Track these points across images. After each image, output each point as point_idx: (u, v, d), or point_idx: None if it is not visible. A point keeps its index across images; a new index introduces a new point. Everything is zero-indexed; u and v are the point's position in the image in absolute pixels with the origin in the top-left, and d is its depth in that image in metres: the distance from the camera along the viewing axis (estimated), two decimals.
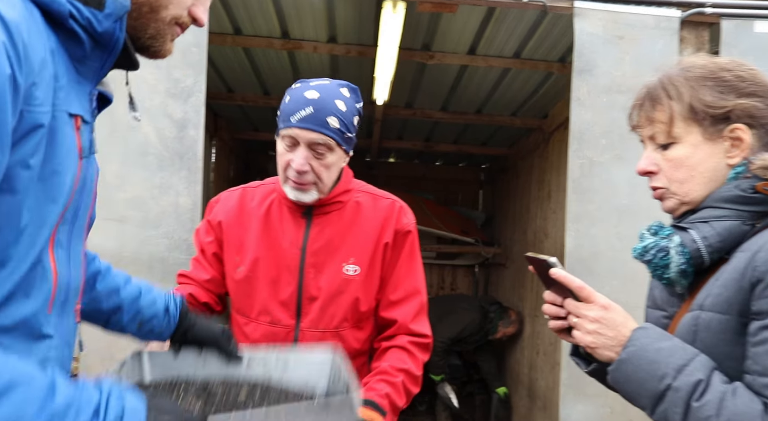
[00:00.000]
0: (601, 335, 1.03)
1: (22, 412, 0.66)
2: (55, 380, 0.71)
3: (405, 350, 1.56)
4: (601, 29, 2.46)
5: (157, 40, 0.93)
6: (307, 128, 1.46)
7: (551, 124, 4.49)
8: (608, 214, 2.48)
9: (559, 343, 4.03)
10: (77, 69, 0.84)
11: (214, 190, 4.99)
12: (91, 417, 0.72)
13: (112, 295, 1.19)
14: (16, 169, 0.73)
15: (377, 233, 1.59)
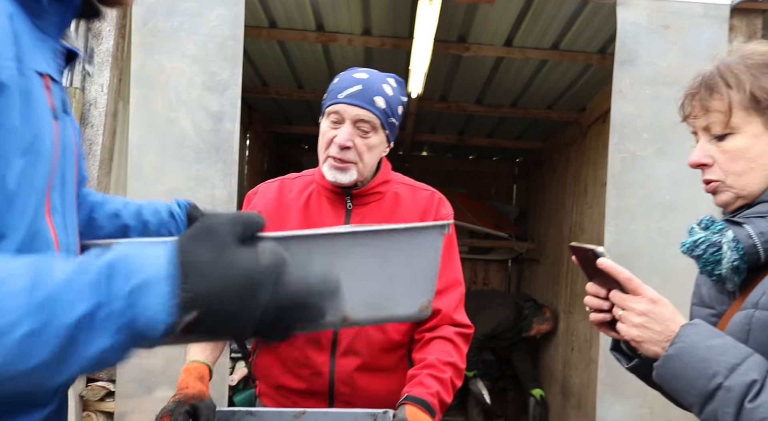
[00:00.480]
0: (647, 328, 1.00)
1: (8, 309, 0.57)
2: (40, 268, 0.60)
3: (450, 341, 1.53)
4: (646, 18, 2.38)
5: None
6: (354, 104, 1.48)
7: (589, 117, 4.40)
8: (649, 209, 2.41)
9: (595, 340, 3.96)
10: (38, 25, 0.79)
11: (247, 182, 5.03)
12: (92, 297, 0.59)
13: (113, 218, 1.14)
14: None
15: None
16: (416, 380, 1.45)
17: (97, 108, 2.59)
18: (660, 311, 1.00)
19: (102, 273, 0.60)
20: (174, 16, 2.41)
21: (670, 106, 2.35)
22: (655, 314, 1.00)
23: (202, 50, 2.43)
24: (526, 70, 4.03)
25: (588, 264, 1.08)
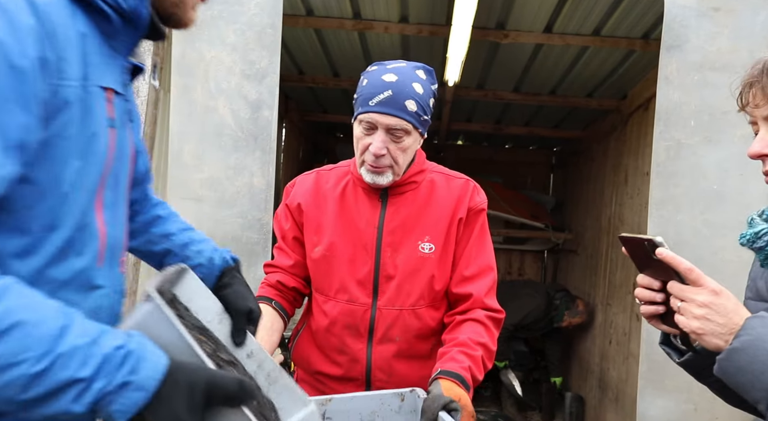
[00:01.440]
0: (709, 321, 0.96)
1: (24, 349, 0.68)
2: (71, 323, 0.72)
3: (481, 323, 1.54)
4: (695, 1, 2.29)
5: (179, 8, 0.97)
6: (386, 113, 1.47)
7: (631, 104, 4.29)
8: (696, 200, 2.34)
9: (634, 333, 3.88)
10: (110, 44, 0.90)
11: (284, 171, 5.07)
12: (96, 368, 0.71)
13: (163, 239, 1.26)
14: (55, 139, 0.79)
15: (451, 211, 1.60)
16: (448, 356, 1.46)
17: (138, 97, 2.63)
18: (722, 302, 0.96)
19: (117, 354, 0.73)
20: (214, 4, 2.43)
21: (720, 92, 2.28)
22: (717, 305, 0.96)
23: (242, 39, 2.44)
24: (566, 57, 3.94)
25: (640, 255, 1.04)
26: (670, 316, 1.05)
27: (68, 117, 0.80)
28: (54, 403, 0.70)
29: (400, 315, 1.57)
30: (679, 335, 1.09)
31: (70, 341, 0.71)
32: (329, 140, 6.71)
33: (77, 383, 0.70)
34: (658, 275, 1.05)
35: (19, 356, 0.68)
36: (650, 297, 1.06)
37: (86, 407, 0.71)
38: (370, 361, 1.58)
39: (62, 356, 0.70)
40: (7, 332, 0.68)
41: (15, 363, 0.67)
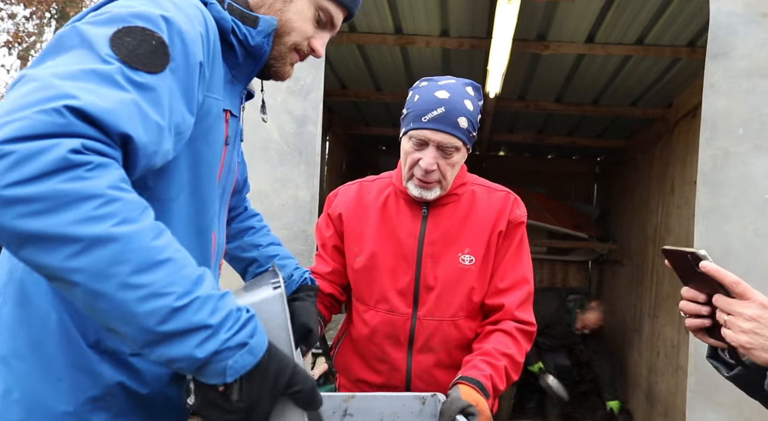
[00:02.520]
0: (758, 335, 0.95)
1: (172, 283, 0.73)
2: (205, 274, 0.78)
3: (510, 334, 1.54)
4: (742, 7, 2.26)
5: (278, 61, 1.07)
6: (439, 130, 1.48)
7: (676, 113, 4.22)
8: (744, 209, 2.29)
9: (683, 345, 3.79)
10: (232, 73, 1.01)
11: (327, 183, 5.16)
12: (222, 319, 0.76)
13: (252, 248, 1.39)
14: (198, 141, 0.91)
15: (492, 223, 1.60)
16: (471, 364, 1.47)
17: None
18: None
19: (242, 314, 0.79)
20: None
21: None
22: (766, 319, 0.95)
23: None
24: (608, 66, 3.91)
25: (683, 267, 1.04)
26: (716, 329, 1.04)
27: (209, 126, 0.92)
28: (182, 343, 0.73)
29: (440, 325, 1.58)
30: (727, 349, 1.08)
31: (205, 289, 0.76)
32: (372, 153, 6.78)
33: (206, 329, 0.74)
34: (703, 288, 1.04)
35: (167, 287, 0.72)
36: (695, 310, 1.05)
37: (207, 354, 0.75)
38: (410, 370, 1.60)
39: (199, 299, 0.74)
40: (163, 264, 0.73)
41: (164, 293, 0.72)
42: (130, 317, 0.71)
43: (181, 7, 0.85)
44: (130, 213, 0.70)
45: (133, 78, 0.76)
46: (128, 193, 0.72)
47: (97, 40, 0.76)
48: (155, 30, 0.79)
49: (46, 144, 0.66)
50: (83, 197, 0.67)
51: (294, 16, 1.04)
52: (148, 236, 0.72)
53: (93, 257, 0.68)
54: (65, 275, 0.69)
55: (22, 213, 0.65)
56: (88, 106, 0.69)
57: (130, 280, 0.70)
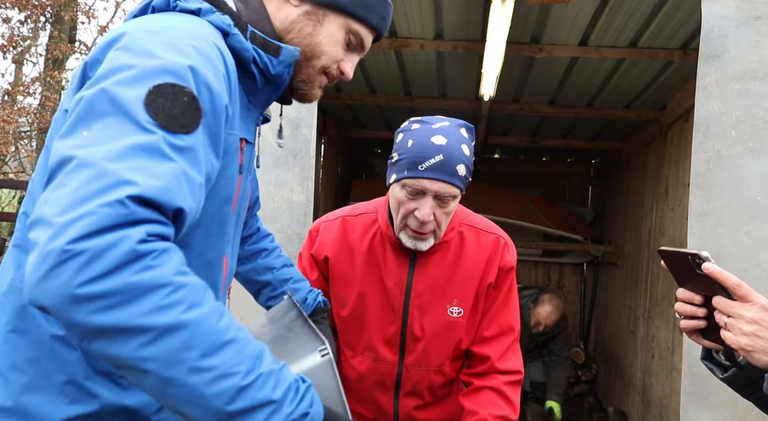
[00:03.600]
0: (759, 337, 0.95)
1: (238, 362, 0.74)
2: (264, 349, 0.80)
3: (499, 392, 1.52)
4: (734, 10, 2.27)
5: (306, 84, 1.06)
6: (438, 179, 1.39)
7: (670, 115, 4.23)
8: (737, 211, 2.30)
9: (677, 347, 3.80)
10: (249, 99, 1.01)
11: (323, 186, 5.16)
12: (284, 393, 0.78)
13: (266, 271, 1.40)
14: (220, 179, 0.91)
15: (481, 273, 1.55)
16: None
17: None
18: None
19: (300, 385, 0.81)
20: None
21: (762, 102, 2.25)
22: (767, 322, 0.95)
23: None
24: (602, 69, 3.93)
25: (680, 269, 1.04)
26: (711, 331, 1.04)
27: (228, 161, 0.92)
28: (249, 420, 0.75)
29: (427, 375, 1.58)
30: (722, 351, 1.08)
31: (266, 365, 0.78)
32: (367, 155, 6.78)
33: (270, 404, 0.76)
34: (700, 290, 1.04)
35: (234, 367, 0.74)
36: (691, 312, 1.05)
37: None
38: (398, 412, 1.61)
39: (262, 375, 0.76)
40: (228, 344, 0.74)
41: (231, 373, 0.73)
42: (199, 400, 0.73)
43: (203, 50, 0.84)
44: (195, 298, 0.72)
45: (176, 144, 0.76)
46: (191, 276, 0.74)
47: (132, 106, 0.75)
48: (184, 85, 0.78)
49: (115, 238, 0.67)
50: (153, 287, 0.69)
51: (324, 39, 1.03)
52: (213, 318, 0.73)
53: (164, 345, 0.69)
54: (137, 363, 0.70)
55: (96, 309, 0.67)
56: (146, 192, 0.70)
57: (199, 364, 0.71)
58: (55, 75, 10.01)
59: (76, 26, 10.90)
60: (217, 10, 0.93)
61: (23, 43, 10.62)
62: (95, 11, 12.24)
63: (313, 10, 1.02)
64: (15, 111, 9.80)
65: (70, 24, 10.62)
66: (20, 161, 10.64)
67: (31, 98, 10.58)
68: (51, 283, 0.66)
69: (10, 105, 10.14)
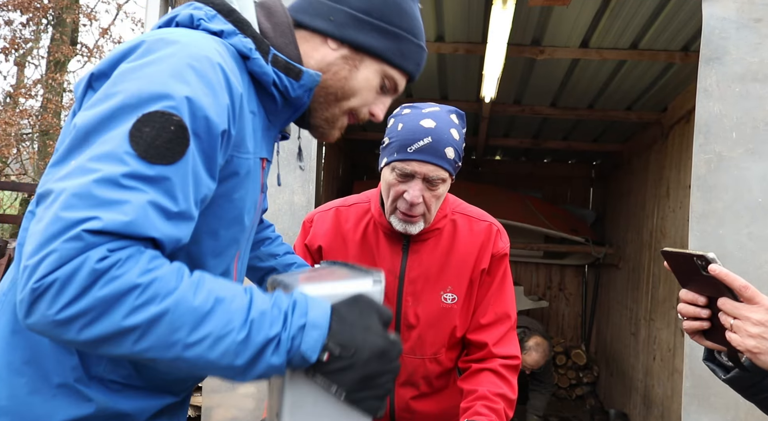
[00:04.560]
0: (766, 339, 0.95)
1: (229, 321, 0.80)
2: (254, 292, 0.85)
3: (497, 373, 1.53)
4: (735, 12, 2.27)
5: (327, 124, 1.07)
6: (426, 161, 1.41)
7: (671, 117, 4.24)
8: (739, 213, 2.30)
9: (679, 349, 3.79)
10: (269, 119, 1.02)
11: (324, 188, 5.16)
12: (281, 324, 0.82)
13: (270, 257, 1.42)
14: (221, 200, 0.92)
15: (474, 259, 1.56)
16: (472, 410, 1.46)
17: None
18: None
19: (289, 307, 0.84)
20: None
21: (763, 103, 2.25)
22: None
23: None
24: (603, 71, 3.93)
25: (684, 270, 1.03)
26: (715, 332, 1.04)
27: (237, 183, 0.93)
28: (261, 362, 0.81)
29: (422, 363, 1.58)
30: (725, 352, 1.08)
31: (257, 307, 0.82)
32: (368, 157, 6.79)
33: (272, 341, 0.81)
34: (703, 291, 1.03)
35: (226, 328, 0.79)
36: (694, 313, 1.05)
37: (283, 357, 0.82)
38: (394, 403, 1.60)
39: (255, 321, 0.81)
40: (212, 311, 0.79)
41: (225, 334, 0.79)
42: (210, 364, 0.80)
43: (203, 73, 0.84)
44: (166, 287, 0.77)
45: (150, 175, 0.78)
46: (159, 269, 0.78)
47: (116, 136, 0.78)
48: (174, 112, 0.80)
49: (77, 263, 0.73)
50: (123, 293, 0.75)
51: (359, 84, 1.03)
52: (189, 297, 0.78)
53: (154, 335, 0.76)
54: (140, 355, 0.78)
55: (81, 326, 0.75)
56: (109, 227, 0.75)
57: (191, 339, 0.78)
58: (57, 77, 10.05)
59: (77, 28, 10.93)
60: (240, 33, 0.94)
61: (25, 46, 10.66)
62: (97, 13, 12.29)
63: (350, 54, 1.02)
64: (17, 113, 9.83)
65: (72, 26, 10.65)
66: (22, 163, 10.66)
67: (33, 101, 10.61)
68: (34, 318, 0.74)
69: (12, 107, 10.17)
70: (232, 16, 0.94)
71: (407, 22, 1.04)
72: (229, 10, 0.95)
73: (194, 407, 2.69)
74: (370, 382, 0.85)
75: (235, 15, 0.95)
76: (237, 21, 0.94)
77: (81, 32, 11.35)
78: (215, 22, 0.94)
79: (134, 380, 0.95)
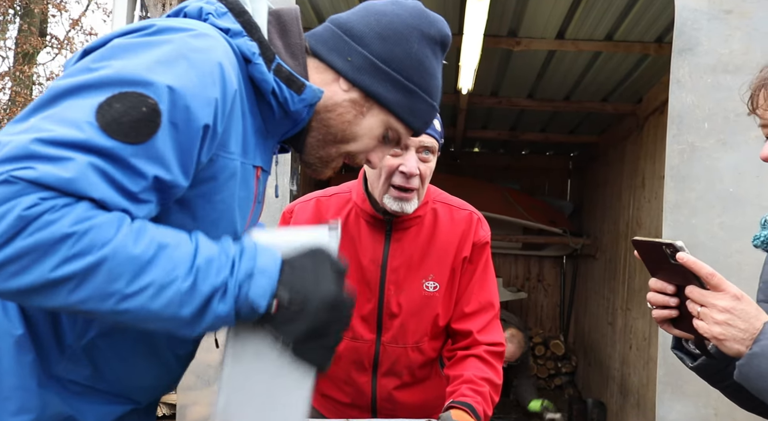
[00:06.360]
0: (731, 326, 0.95)
1: (174, 268, 0.77)
2: (199, 238, 0.82)
3: (483, 359, 1.53)
4: (706, 3, 2.29)
5: (321, 163, 1.04)
6: None
7: (646, 108, 4.27)
8: (711, 203, 2.32)
9: (654, 337, 3.85)
10: (266, 128, 0.98)
11: (302, 181, 5.12)
12: (228, 271, 0.80)
13: None
14: (198, 200, 0.88)
15: (456, 248, 1.56)
16: (457, 393, 1.46)
17: None
18: (744, 308, 0.95)
19: (237, 254, 0.81)
20: None
21: (733, 94, 2.26)
22: (739, 311, 0.95)
23: None
24: (579, 62, 3.94)
25: (654, 258, 1.03)
26: (683, 320, 1.04)
27: (220, 184, 0.89)
28: (208, 312, 0.79)
29: (405, 352, 1.58)
30: (693, 340, 1.08)
31: (202, 254, 0.80)
32: None
33: (219, 289, 0.79)
34: (672, 279, 1.04)
35: (169, 276, 0.76)
36: (663, 301, 1.05)
37: (231, 304, 0.80)
38: (375, 393, 1.60)
39: (201, 269, 0.79)
40: (154, 259, 0.76)
41: (169, 283, 0.76)
42: (154, 316, 0.76)
43: (197, 64, 0.81)
44: (104, 236, 0.73)
45: (103, 146, 0.74)
46: (96, 218, 0.73)
47: (84, 106, 0.75)
48: (151, 96, 0.77)
49: (4, 209, 0.69)
50: (55, 242, 0.71)
51: (362, 131, 1.01)
52: (129, 245, 0.74)
53: (90, 285, 0.73)
54: (77, 307, 0.74)
55: (8, 275, 0.71)
56: (43, 177, 0.70)
57: (131, 288, 0.74)
58: (26, 70, 9.83)
59: (47, 20, 10.70)
60: (246, 35, 0.91)
61: None
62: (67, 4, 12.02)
63: (360, 100, 0.99)
64: None
65: (41, 17, 10.42)
66: None
67: (1, 93, 10.37)
68: None
69: None
70: (242, 17, 0.92)
71: (426, 80, 1.02)
72: (241, 10, 0.92)
73: (169, 406, 2.65)
74: (319, 333, 0.84)
75: (246, 17, 0.92)
76: (246, 23, 0.92)
77: (50, 23, 11.09)
78: (224, 19, 0.91)
79: (96, 383, 0.91)
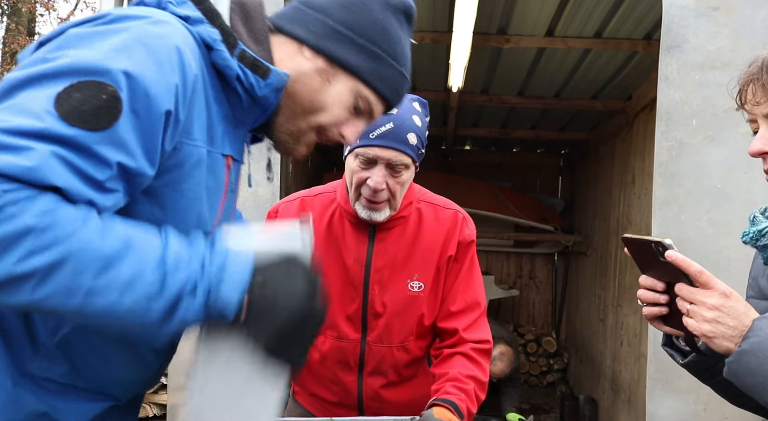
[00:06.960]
0: (720, 323, 0.94)
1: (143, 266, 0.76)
2: (168, 240, 0.80)
3: (469, 357, 1.53)
4: (693, 1, 2.29)
5: (292, 138, 1.00)
6: (388, 146, 1.42)
7: (636, 105, 4.29)
8: (699, 199, 2.33)
9: (644, 334, 3.86)
10: (236, 116, 0.96)
11: (292, 180, 5.11)
12: (198, 267, 0.79)
13: None
14: (165, 189, 0.86)
15: (440, 247, 1.56)
16: (442, 390, 1.46)
17: None
18: (733, 305, 0.95)
19: (207, 251, 0.81)
20: None
21: (721, 91, 2.27)
22: (728, 308, 0.95)
23: None
24: (568, 60, 3.95)
25: (643, 256, 1.03)
26: (673, 317, 1.04)
27: (186, 172, 0.87)
28: (176, 313, 0.77)
29: (390, 351, 1.58)
30: (683, 337, 1.08)
31: (173, 253, 0.78)
32: (339, 149, 6.73)
33: (187, 287, 0.78)
34: (662, 276, 1.04)
35: (138, 274, 0.75)
36: (653, 299, 1.05)
37: (201, 303, 0.79)
38: (362, 391, 1.60)
39: (169, 268, 0.77)
40: (123, 254, 0.74)
41: (136, 281, 0.75)
42: (120, 316, 0.75)
43: (154, 50, 0.80)
44: (67, 229, 0.71)
45: (64, 134, 0.72)
46: (61, 210, 0.71)
47: (42, 96, 0.74)
48: (110, 83, 0.75)
49: None
50: (16, 236, 0.68)
51: (330, 99, 0.98)
52: (95, 239, 0.72)
53: (54, 282, 0.70)
54: (43, 305, 0.72)
55: None
56: (3, 168, 0.68)
57: (96, 286, 0.72)
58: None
59: (35, 18, 10.62)
60: (207, 22, 0.89)
61: None
62: (55, 3, 11.94)
63: (325, 67, 0.97)
64: None
65: (29, 16, 10.34)
66: None
67: None
68: None
69: None
70: (202, 5, 0.91)
71: (392, 47, 0.99)
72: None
73: (160, 406, 2.64)
74: (289, 340, 0.83)
75: (207, 4, 0.91)
76: (207, 10, 0.90)
77: (38, 23, 11.00)
78: (184, 7, 0.90)
79: (73, 380, 0.89)
